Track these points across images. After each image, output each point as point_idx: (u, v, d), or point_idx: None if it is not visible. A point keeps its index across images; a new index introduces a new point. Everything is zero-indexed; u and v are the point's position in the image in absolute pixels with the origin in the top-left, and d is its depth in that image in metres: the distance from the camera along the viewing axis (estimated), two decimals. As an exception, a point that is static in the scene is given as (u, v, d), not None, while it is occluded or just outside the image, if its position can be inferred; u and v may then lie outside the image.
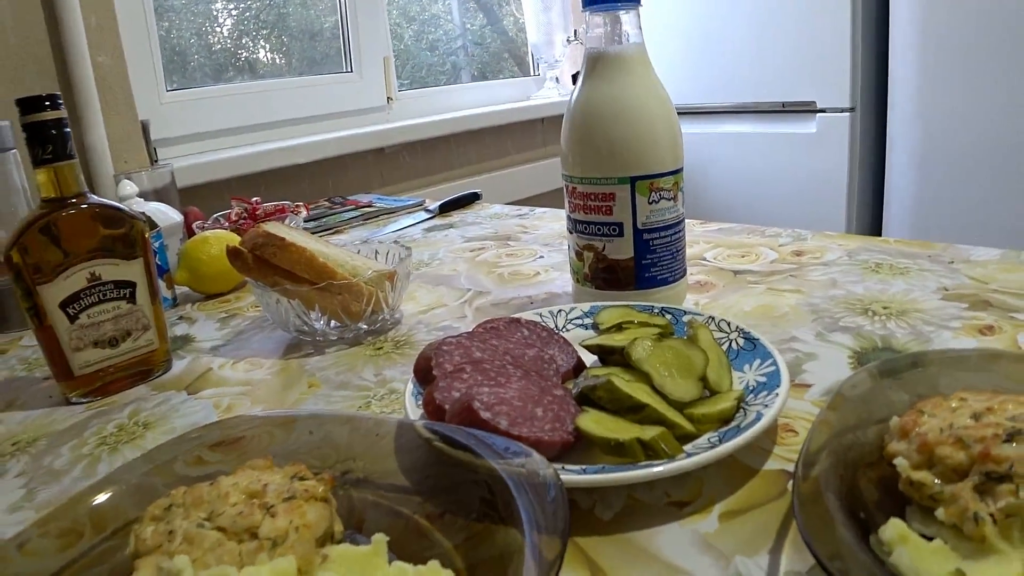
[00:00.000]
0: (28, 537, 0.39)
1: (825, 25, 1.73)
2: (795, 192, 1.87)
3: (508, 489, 0.35)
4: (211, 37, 1.73)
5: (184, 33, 1.66)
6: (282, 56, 1.87)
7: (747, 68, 1.89)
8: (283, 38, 1.86)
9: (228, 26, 1.78)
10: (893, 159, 1.72)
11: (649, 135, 0.60)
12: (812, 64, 1.77)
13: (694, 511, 0.39)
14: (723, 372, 0.48)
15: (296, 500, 0.37)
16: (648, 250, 0.62)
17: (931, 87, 1.60)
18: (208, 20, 1.73)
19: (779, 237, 0.91)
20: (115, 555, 0.38)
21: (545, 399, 0.44)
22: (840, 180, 1.79)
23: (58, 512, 0.41)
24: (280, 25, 1.84)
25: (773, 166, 1.90)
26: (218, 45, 1.75)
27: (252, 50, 1.82)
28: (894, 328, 0.60)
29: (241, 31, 1.80)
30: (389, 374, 0.63)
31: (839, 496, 0.34)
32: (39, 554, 0.38)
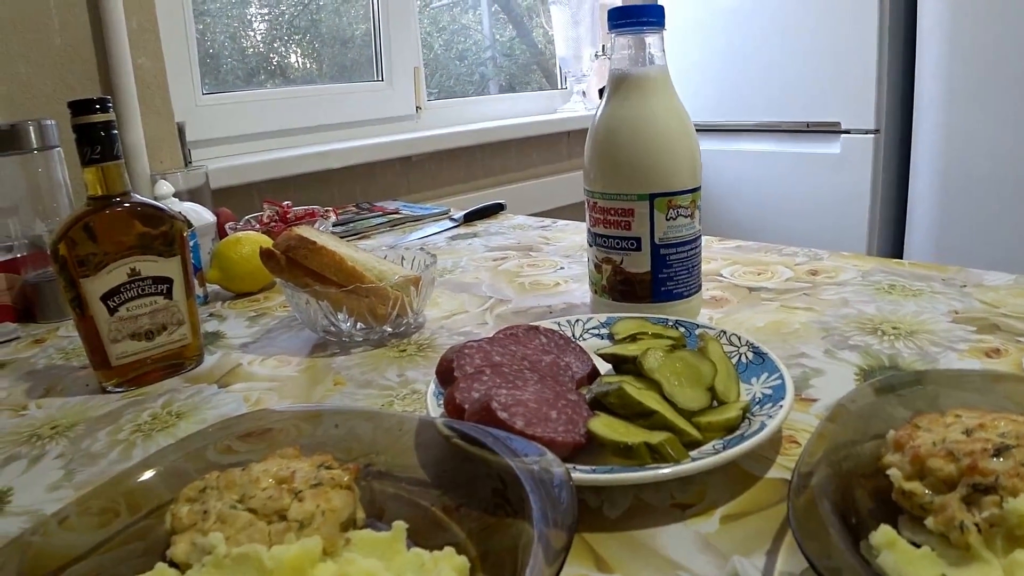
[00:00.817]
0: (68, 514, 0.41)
1: (851, 46, 1.74)
2: (817, 212, 1.88)
3: (521, 484, 0.37)
4: (244, 41, 1.78)
5: (218, 36, 1.70)
6: (313, 61, 1.91)
7: (772, 87, 1.91)
8: (315, 44, 1.90)
9: (262, 31, 1.82)
10: (916, 182, 1.73)
11: (669, 154, 0.62)
12: (837, 85, 1.79)
13: (696, 513, 0.41)
14: (731, 383, 0.50)
15: (322, 487, 0.40)
16: (664, 265, 0.64)
17: (957, 110, 1.61)
18: (242, 24, 1.77)
19: (796, 256, 0.93)
20: (149, 533, 0.41)
21: (560, 402, 0.46)
22: (863, 201, 1.80)
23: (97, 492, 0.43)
24: (312, 31, 1.88)
25: (796, 186, 1.91)
26: (251, 49, 1.80)
27: (284, 55, 1.87)
28: (902, 348, 0.62)
29: (274, 35, 1.84)
30: (411, 375, 0.65)
31: (833, 503, 0.36)
32: (78, 529, 0.41)
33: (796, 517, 0.33)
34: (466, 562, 0.34)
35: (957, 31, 1.58)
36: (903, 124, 1.77)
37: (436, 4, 2.22)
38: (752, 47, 1.93)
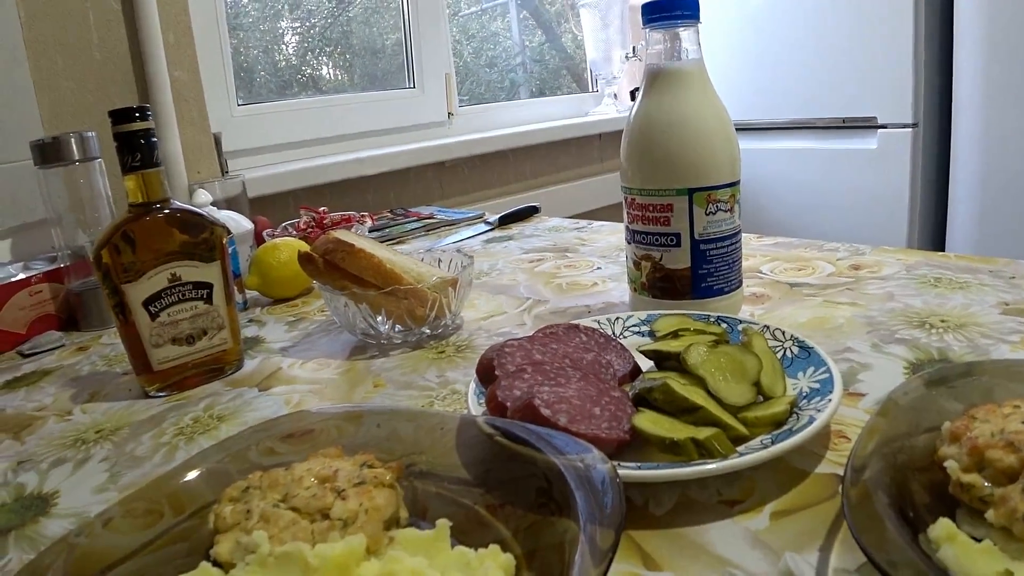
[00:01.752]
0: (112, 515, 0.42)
1: (887, 38, 1.71)
2: (855, 209, 1.85)
3: (566, 482, 0.36)
4: (277, 55, 1.80)
5: (252, 50, 1.72)
6: (344, 72, 1.93)
7: (807, 83, 1.89)
8: (346, 55, 1.92)
9: (293, 44, 1.84)
10: (957, 176, 1.69)
11: (707, 148, 0.61)
12: (873, 79, 1.75)
13: (745, 509, 0.40)
14: (776, 378, 0.49)
15: (365, 485, 0.39)
16: (704, 260, 0.63)
17: (997, 102, 1.58)
18: (274, 38, 1.79)
19: (837, 252, 0.91)
20: (193, 534, 0.41)
21: (603, 399, 0.46)
22: (902, 197, 1.76)
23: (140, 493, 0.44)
24: (343, 42, 1.90)
25: (833, 183, 1.88)
26: (283, 62, 1.82)
27: (315, 67, 1.89)
28: (951, 341, 0.60)
29: (306, 48, 1.86)
30: (451, 376, 0.65)
31: (889, 497, 0.35)
32: (123, 531, 0.41)
33: (851, 510, 0.32)
34: (511, 559, 0.34)
35: (996, 19, 1.54)
36: (942, 117, 1.74)
37: (465, 12, 2.23)
38: (785, 42, 1.91)
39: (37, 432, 0.64)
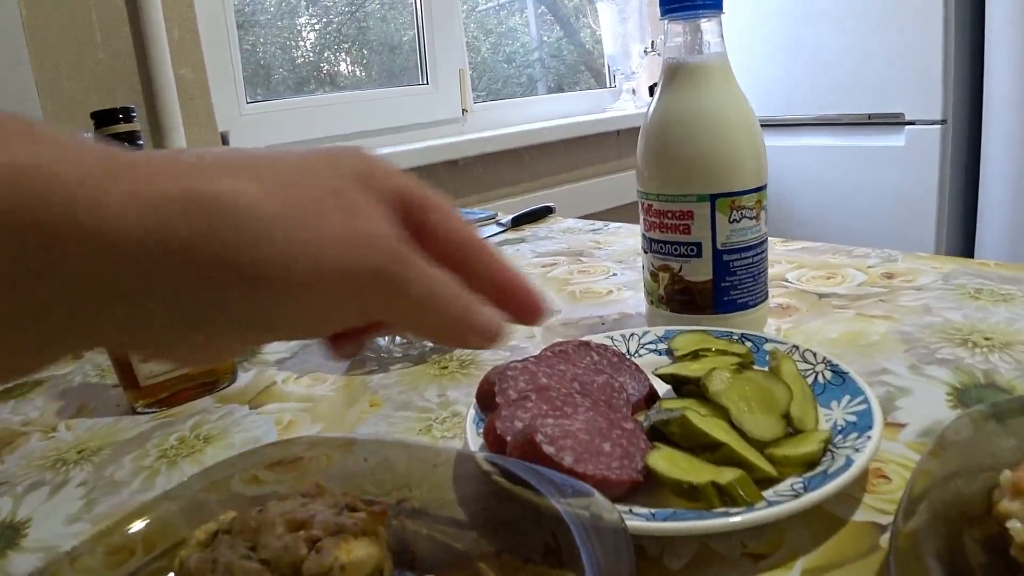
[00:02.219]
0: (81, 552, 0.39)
1: (915, 32, 1.65)
2: (882, 208, 1.79)
3: (569, 532, 0.32)
4: (295, 51, 1.77)
5: (269, 47, 1.69)
6: (362, 68, 1.89)
7: (832, 78, 1.82)
8: (363, 51, 1.88)
9: (311, 40, 1.81)
10: (987, 174, 1.62)
11: (731, 149, 0.56)
12: (901, 74, 1.69)
13: (773, 565, 0.35)
14: (808, 408, 0.44)
15: (344, 535, 0.35)
16: (728, 272, 0.58)
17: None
18: (292, 35, 1.76)
19: (867, 258, 0.85)
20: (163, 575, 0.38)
21: (614, 433, 0.41)
22: (930, 196, 1.70)
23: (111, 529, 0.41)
24: (360, 39, 1.86)
25: (859, 181, 1.82)
26: (301, 59, 1.79)
27: (333, 63, 1.85)
28: (997, 362, 0.55)
29: (323, 45, 1.83)
30: (452, 395, 0.60)
31: (939, 558, 0.30)
32: (91, 571, 0.38)
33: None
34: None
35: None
36: (972, 113, 1.67)
37: (482, 7, 2.19)
38: (809, 35, 1.85)
39: (19, 450, 0.60)
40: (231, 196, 0.23)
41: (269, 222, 0.23)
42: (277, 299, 0.24)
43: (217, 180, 0.23)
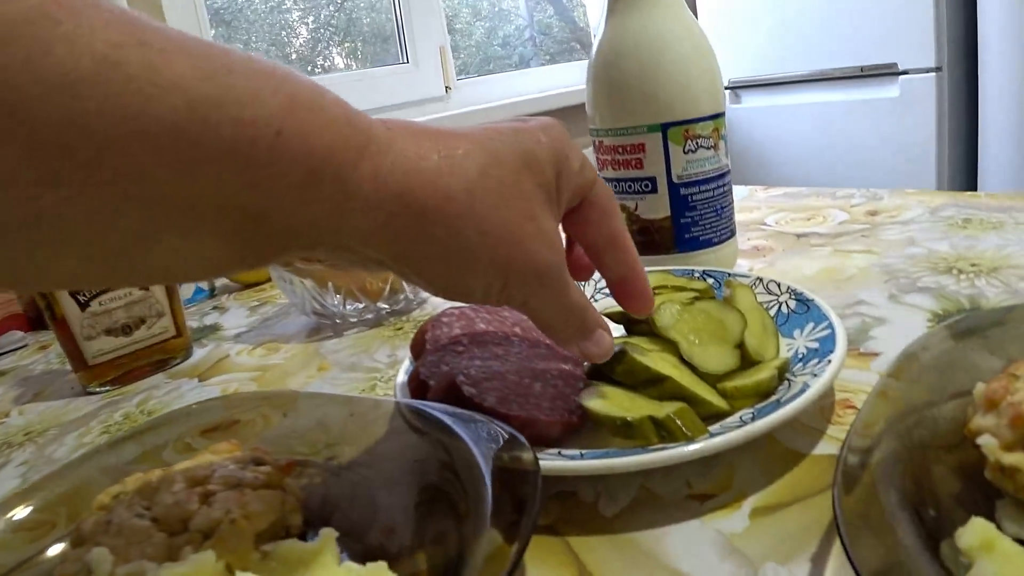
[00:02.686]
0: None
1: (905, -21, 1.59)
2: (879, 162, 1.73)
3: (482, 481, 0.28)
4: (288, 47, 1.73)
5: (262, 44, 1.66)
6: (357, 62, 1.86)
7: (820, 31, 1.76)
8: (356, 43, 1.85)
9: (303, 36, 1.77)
10: (986, 121, 1.56)
11: (681, 74, 0.51)
12: (892, 23, 1.63)
13: (719, 506, 0.31)
14: (767, 339, 0.40)
15: (242, 488, 0.32)
16: (687, 207, 0.54)
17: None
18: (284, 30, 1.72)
19: (851, 198, 0.81)
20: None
21: (549, 374, 0.37)
22: (928, 147, 1.64)
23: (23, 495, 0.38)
24: (352, 30, 1.83)
25: (854, 136, 1.76)
26: (295, 54, 1.75)
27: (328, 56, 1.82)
28: (984, 287, 0.50)
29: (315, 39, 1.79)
30: (402, 354, 0.57)
31: (902, 490, 0.26)
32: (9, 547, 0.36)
33: (846, 513, 0.23)
34: (395, 582, 0.26)
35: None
36: (967, 59, 1.61)
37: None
38: (798, -9, 1.79)
39: (-31, 439, 0.58)
40: (440, 207, 0.27)
41: (464, 229, 0.28)
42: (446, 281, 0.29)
43: (433, 183, 0.27)
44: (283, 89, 0.23)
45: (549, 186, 0.30)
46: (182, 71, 0.21)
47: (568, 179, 0.31)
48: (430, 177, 0.27)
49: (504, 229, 0.28)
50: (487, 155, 0.28)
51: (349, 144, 0.25)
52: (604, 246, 0.35)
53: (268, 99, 0.23)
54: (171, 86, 0.21)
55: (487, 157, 0.28)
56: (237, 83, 0.22)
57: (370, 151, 0.26)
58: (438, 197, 0.27)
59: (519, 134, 0.30)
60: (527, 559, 0.30)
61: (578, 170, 0.32)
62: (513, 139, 0.30)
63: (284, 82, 0.24)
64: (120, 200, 0.21)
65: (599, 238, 0.34)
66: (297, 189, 0.24)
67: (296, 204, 0.24)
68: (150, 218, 0.22)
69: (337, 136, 0.25)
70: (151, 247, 0.23)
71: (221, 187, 0.22)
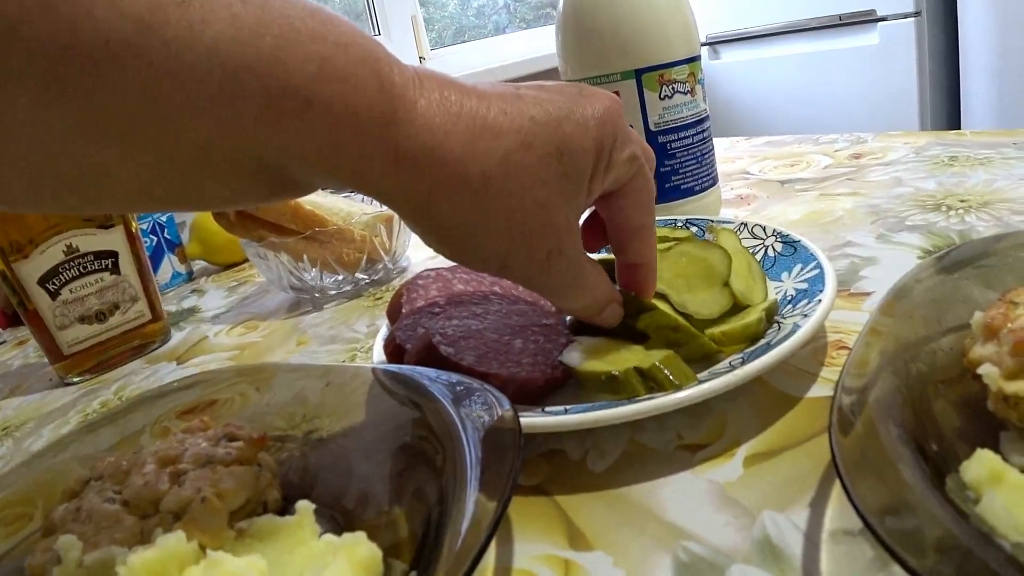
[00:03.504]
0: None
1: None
2: (860, 111, 1.72)
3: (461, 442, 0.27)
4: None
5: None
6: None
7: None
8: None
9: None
10: (967, 64, 1.54)
11: (653, 16, 0.49)
12: (869, -34, 1.61)
13: (712, 455, 0.30)
14: (754, 283, 0.38)
15: (213, 465, 0.30)
16: (665, 155, 0.52)
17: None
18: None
19: (835, 143, 0.79)
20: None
21: (529, 330, 0.36)
22: (910, 94, 1.63)
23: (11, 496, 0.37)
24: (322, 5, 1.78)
25: (834, 85, 1.74)
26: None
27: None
28: (974, 221, 0.49)
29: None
30: (382, 323, 0.55)
31: (903, 426, 0.25)
32: None
33: (844, 454, 0.22)
34: (375, 552, 0.25)
35: None
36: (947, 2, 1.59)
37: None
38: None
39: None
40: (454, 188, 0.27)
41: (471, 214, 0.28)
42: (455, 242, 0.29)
43: (451, 165, 0.27)
44: (316, 55, 0.24)
45: (580, 176, 0.30)
46: (218, 33, 0.22)
47: (611, 169, 0.31)
48: (451, 156, 0.27)
49: (513, 220, 0.28)
50: (519, 141, 0.28)
51: (375, 111, 0.25)
52: (630, 236, 0.35)
53: (300, 67, 0.23)
54: (208, 52, 0.21)
55: (518, 143, 0.28)
56: (271, 47, 0.23)
57: (397, 117, 0.26)
58: (453, 176, 0.27)
59: (568, 118, 0.29)
60: (516, 521, 0.29)
61: (624, 160, 0.31)
62: (558, 122, 0.29)
63: (322, 44, 0.24)
64: (163, 158, 0.23)
65: (627, 227, 0.34)
66: (317, 149, 0.25)
67: (316, 159, 0.25)
68: (189, 172, 0.24)
69: (365, 104, 0.25)
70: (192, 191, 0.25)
71: (251, 148, 0.24)
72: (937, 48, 1.61)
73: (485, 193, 0.27)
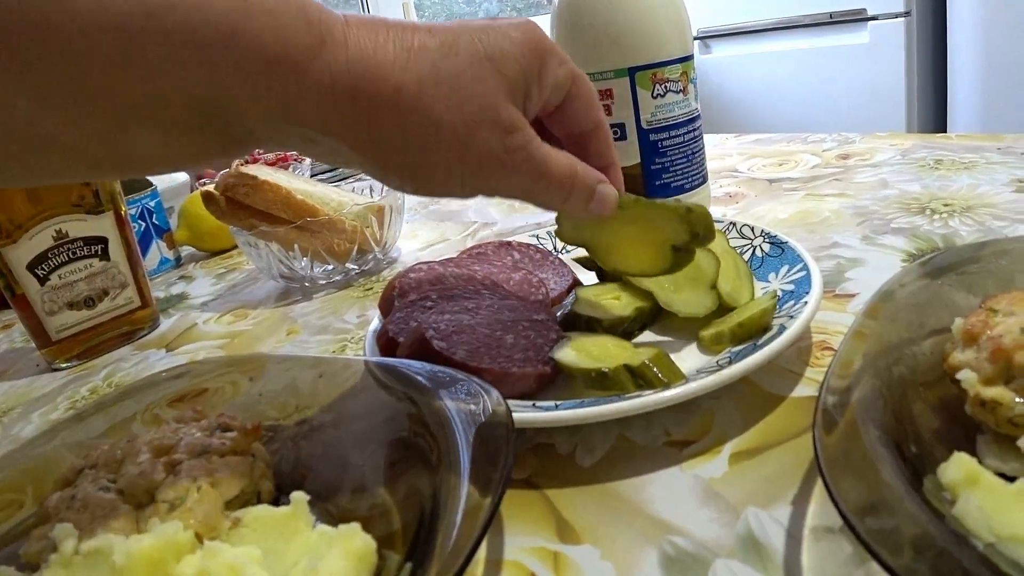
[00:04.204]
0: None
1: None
2: (849, 108, 1.73)
3: (454, 435, 0.28)
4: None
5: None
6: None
7: (790, -23, 1.75)
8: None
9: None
10: (955, 64, 1.56)
11: (648, 16, 0.50)
12: (861, -34, 1.62)
13: (699, 452, 0.31)
14: (741, 283, 0.39)
15: (209, 456, 0.31)
16: (657, 153, 0.53)
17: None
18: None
19: (823, 142, 0.80)
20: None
21: (520, 325, 0.36)
22: (898, 92, 1.64)
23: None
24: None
25: (825, 82, 1.76)
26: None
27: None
28: (958, 225, 0.50)
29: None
30: (373, 314, 0.56)
31: (884, 427, 0.25)
32: None
33: (827, 453, 0.23)
34: (369, 543, 0.25)
35: None
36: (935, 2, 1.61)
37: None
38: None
39: (-72, 421, 0.56)
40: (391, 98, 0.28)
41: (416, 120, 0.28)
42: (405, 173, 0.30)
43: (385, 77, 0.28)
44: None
45: (514, 79, 0.30)
46: None
47: (549, 73, 0.32)
48: (383, 72, 0.27)
49: (457, 119, 0.29)
50: (443, 48, 0.29)
51: (302, 43, 0.26)
52: (590, 136, 0.35)
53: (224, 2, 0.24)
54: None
55: (443, 50, 0.29)
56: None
57: (326, 48, 0.26)
58: (388, 90, 0.27)
59: (487, 30, 0.30)
60: (505, 515, 0.29)
61: (562, 72, 0.32)
62: (479, 34, 0.30)
63: None
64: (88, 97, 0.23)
65: (584, 132, 0.35)
66: (251, 84, 0.25)
67: (251, 98, 0.25)
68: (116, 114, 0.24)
69: (292, 36, 0.26)
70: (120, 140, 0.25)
71: (179, 83, 0.24)
72: (925, 48, 1.63)
73: (421, 97, 0.28)
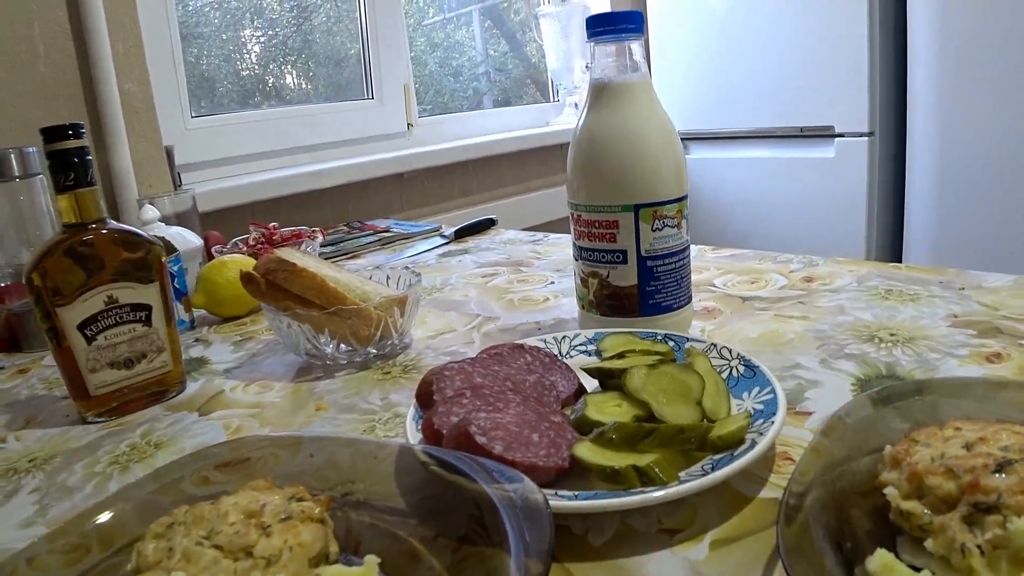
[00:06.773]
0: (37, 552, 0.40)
1: (842, 49, 1.73)
2: (814, 217, 1.87)
3: (498, 513, 0.35)
4: (239, 63, 1.77)
5: (213, 60, 1.69)
6: (308, 81, 1.90)
7: (765, 93, 1.90)
8: (309, 64, 1.89)
9: (256, 52, 1.81)
10: (913, 182, 1.71)
11: (652, 163, 0.60)
12: (830, 89, 1.77)
13: (686, 538, 0.39)
14: (720, 400, 0.48)
15: (292, 520, 0.38)
16: (652, 277, 0.62)
17: (950, 110, 1.60)
18: (236, 47, 1.76)
19: (790, 263, 0.91)
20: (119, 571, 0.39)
21: (542, 425, 0.44)
22: (859, 204, 1.78)
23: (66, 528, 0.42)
24: (306, 52, 1.87)
25: (791, 191, 1.90)
26: (246, 71, 1.78)
27: (279, 76, 1.86)
28: (900, 355, 0.60)
29: (268, 57, 1.83)
30: (395, 398, 0.63)
31: (827, 526, 0.34)
32: (47, 569, 0.39)
33: (786, 544, 0.31)
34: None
35: (948, 28, 1.56)
36: (897, 125, 1.76)
37: (429, 21, 2.22)
38: (742, 52, 1.92)
39: (-33, 463, 0.61)
40: None
41: None
42: None
43: None
44: None
45: None
46: None
47: None
48: None
49: None
50: None
51: None
52: None
53: None
54: None
55: None
56: None
57: None
58: None
59: None
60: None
61: None
62: None
63: None
64: None
65: None
66: None
67: None
68: None
69: None
70: None
71: None
72: (886, 168, 1.78)
73: None
